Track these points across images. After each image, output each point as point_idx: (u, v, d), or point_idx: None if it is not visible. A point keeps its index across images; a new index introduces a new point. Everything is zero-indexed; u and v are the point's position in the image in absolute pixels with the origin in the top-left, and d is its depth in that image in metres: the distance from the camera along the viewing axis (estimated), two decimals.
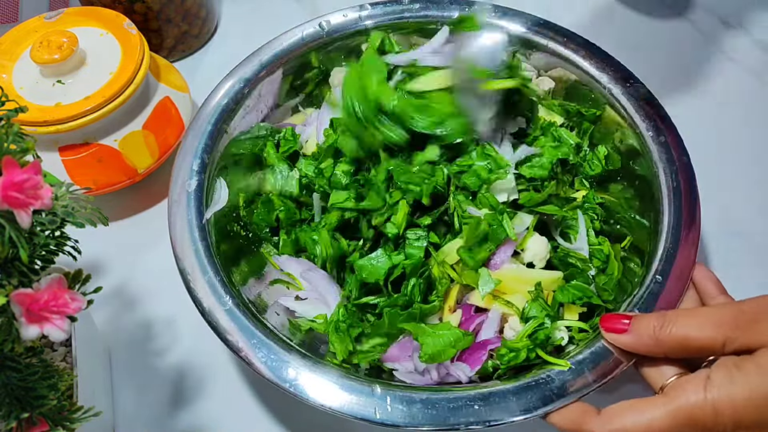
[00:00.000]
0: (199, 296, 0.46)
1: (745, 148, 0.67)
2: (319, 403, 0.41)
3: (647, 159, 0.51)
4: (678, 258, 0.46)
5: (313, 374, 0.43)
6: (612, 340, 0.42)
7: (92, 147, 0.58)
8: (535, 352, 0.45)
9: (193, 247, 0.48)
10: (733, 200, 0.63)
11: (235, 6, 0.81)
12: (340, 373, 0.43)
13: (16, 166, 0.29)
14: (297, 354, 0.44)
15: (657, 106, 0.53)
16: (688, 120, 0.53)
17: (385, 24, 0.60)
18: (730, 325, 0.37)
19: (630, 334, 0.41)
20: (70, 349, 0.47)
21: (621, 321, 0.41)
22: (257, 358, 0.43)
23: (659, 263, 0.46)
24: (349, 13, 0.60)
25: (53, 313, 0.31)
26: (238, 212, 0.55)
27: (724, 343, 0.37)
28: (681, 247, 0.46)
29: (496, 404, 0.41)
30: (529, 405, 0.41)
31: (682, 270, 0.45)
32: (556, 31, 0.58)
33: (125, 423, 0.52)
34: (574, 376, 0.42)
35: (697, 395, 0.36)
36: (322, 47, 0.60)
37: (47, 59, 0.56)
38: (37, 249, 0.32)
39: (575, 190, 0.56)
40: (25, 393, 0.35)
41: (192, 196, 0.51)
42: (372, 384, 0.42)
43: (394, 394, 0.42)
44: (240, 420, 0.53)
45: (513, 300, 0.48)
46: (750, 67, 0.73)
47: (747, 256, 0.60)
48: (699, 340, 0.38)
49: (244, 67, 0.58)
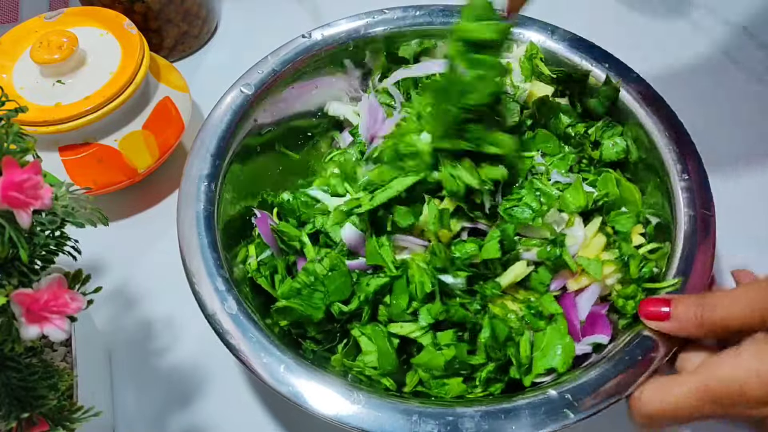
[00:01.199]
0: (203, 299, 0.46)
1: (745, 148, 0.67)
2: (320, 413, 0.41)
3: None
4: (696, 262, 0.46)
5: (314, 382, 0.42)
6: (655, 327, 0.42)
7: (92, 147, 0.58)
8: (645, 287, 0.46)
9: (200, 247, 0.48)
10: (733, 200, 0.63)
11: (235, 6, 0.81)
12: (344, 383, 0.42)
13: (16, 166, 0.29)
14: (299, 361, 0.43)
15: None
16: (689, 120, 0.53)
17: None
18: (766, 301, 0.37)
19: (672, 321, 0.41)
20: (70, 349, 0.47)
21: (661, 307, 0.41)
22: (259, 363, 0.43)
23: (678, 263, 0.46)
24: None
25: (53, 313, 0.31)
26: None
27: (763, 319, 0.37)
28: (698, 253, 0.46)
29: (516, 418, 0.40)
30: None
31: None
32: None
33: (125, 423, 0.52)
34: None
35: (723, 371, 0.36)
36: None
37: (47, 59, 0.56)
38: (37, 249, 0.32)
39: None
40: (25, 393, 0.35)
41: (202, 192, 0.50)
42: (375, 394, 0.42)
43: (398, 407, 0.41)
44: (240, 420, 0.53)
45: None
46: (751, 68, 0.73)
47: (753, 258, 0.60)
48: (739, 319, 0.38)
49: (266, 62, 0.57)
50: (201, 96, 0.70)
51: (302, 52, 0.58)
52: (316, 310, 0.47)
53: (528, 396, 0.41)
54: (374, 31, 0.59)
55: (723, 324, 0.38)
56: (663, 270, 0.47)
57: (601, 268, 0.47)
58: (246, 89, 0.55)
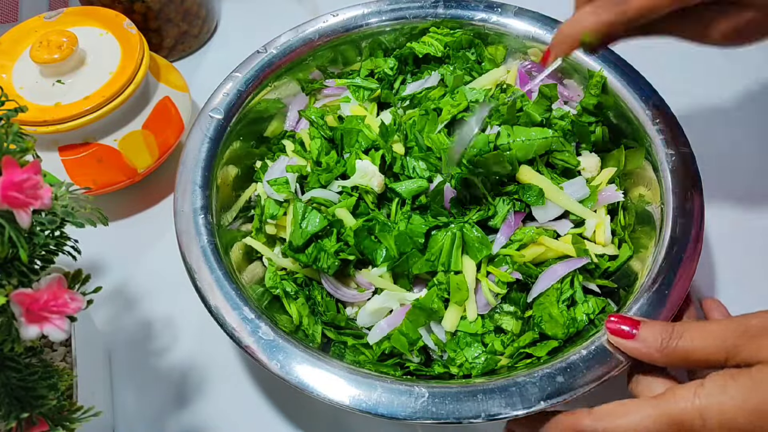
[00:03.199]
0: (205, 295, 0.46)
1: (745, 148, 0.67)
2: (327, 398, 0.42)
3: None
4: (680, 271, 0.46)
5: (319, 369, 0.43)
6: (616, 343, 0.42)
7: (92, 147, 0.58)
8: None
9: (199, 244, 0.48)
10: (732, 199, 0.63)
11: (235, 5, 0.81)
12: (348, 369, 0.43)
13: (15, 166, 0.29)
14: (305, 349, 0.44)
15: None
16: (688, 120, 0.53)
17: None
18: (734, 339, 0.37)
19: (636, 341, 0.40)
20: (69, 349, 0.47)
21: (628, 326, 0.41)
22: (265, 355, 0.44)
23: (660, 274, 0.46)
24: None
25: (53, 313, 0.31)
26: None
27: (727, 357, 0.37)
28: (684, 259, 0.47)
29: (507, 396, 0.41)
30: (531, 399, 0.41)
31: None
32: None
33: (125, 423, 0.52)
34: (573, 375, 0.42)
35: (686, 402, 0.36)
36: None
37: (47, 59, 0.56)
38: (36, 249, 0.32)
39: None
40: (25, 393, 0.35)
41: (198, 189, 0.51)
42: (378, 379, 0.43)
43: (399, 388, 0.42)
44: (239, 420, 0.53)
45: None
46: (751, 67, 0.73)
47: (752, 264, 0.60)
48: (704, 353, 0.38)
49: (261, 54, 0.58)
50: (201, 96, 0.69)
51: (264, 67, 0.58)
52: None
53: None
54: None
55: (685, 355, 0.38)
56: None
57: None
58: (215, 114, 0.55)
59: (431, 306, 0.48)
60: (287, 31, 0.60)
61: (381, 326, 0.50)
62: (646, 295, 0.45)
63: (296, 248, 0.50)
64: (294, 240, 0.50)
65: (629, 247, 0.52)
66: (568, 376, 0.42)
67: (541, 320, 0.48)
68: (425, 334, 0.49)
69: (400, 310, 0.50)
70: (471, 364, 0.47)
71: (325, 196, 0.53)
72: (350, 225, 0.51)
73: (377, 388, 0.42)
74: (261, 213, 0.55)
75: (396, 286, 0.50)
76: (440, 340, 0.48)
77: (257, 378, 0.54)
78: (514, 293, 0.49)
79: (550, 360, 0.44)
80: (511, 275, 0.49)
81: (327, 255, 0.50)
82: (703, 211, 0.48)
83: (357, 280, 0.52)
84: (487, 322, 0.48)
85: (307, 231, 0.50)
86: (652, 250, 0.48)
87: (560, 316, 0.47)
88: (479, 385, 0.42)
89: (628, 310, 0.45)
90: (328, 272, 0.50)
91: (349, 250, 0.50)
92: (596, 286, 0.51)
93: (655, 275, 0.46)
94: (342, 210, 0.51)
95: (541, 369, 0.42)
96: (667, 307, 0.45)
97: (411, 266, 0.50)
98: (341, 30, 0.60)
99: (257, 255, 0.55)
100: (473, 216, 0.51)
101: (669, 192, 0.49)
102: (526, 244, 0.50)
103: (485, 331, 0.48)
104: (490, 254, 0.49)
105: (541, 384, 0.41)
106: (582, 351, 0.43)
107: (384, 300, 0.50)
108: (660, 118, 0.53)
